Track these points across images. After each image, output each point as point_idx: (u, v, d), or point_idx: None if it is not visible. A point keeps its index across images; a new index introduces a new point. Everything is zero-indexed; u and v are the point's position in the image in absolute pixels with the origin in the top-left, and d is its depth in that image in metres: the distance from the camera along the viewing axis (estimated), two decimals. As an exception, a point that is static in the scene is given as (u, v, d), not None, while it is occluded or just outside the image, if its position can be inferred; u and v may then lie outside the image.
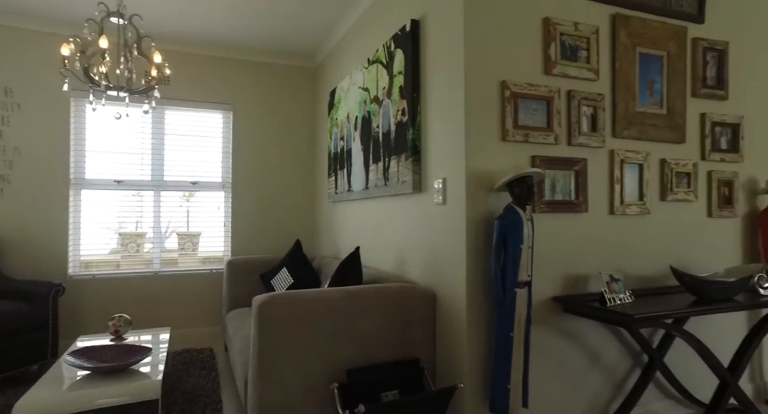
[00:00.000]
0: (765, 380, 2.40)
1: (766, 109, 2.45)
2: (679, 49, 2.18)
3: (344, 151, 3.14)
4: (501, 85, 1.80)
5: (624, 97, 2.05)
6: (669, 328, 1.68)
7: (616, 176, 2.03)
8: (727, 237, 2.34)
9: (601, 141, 1.99)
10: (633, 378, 2.07)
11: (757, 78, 2.43)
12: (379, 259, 2.57)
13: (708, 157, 2.26)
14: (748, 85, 2.40)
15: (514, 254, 1.58)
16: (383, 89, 2.46)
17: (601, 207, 2.01)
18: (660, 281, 2.14)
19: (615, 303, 1.75)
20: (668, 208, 2.18)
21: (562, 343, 1.90)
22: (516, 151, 1.82)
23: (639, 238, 2.10)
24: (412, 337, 1.88)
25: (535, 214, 1.85)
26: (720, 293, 1.84)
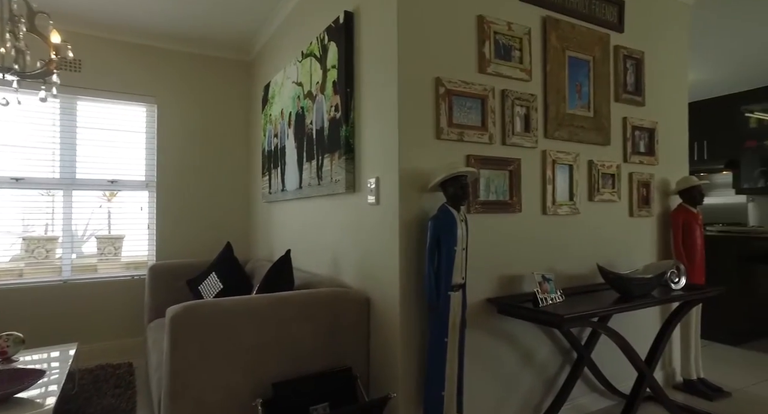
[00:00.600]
0: (673, 367, 2.55)
1: (675, 116, 2.62)
2: (603, 55, 2.26)
3: (278, 149, 2.99)
4: (435, 82, 1.75)
5: (555, 98, 2.08)
6: (595, 326, 1.71)
7: (548, 176, 2.06)
8: (645, 235, 2.46)
9: (534, 141, 2.00)
10: (563, 375, 2.11)
11: (667, 87, 2.58)
12: (314, 262, 2.45)
13: (629, 160, 2.36)
14: (661, 93, 2.54)
15: (448, 256, 1.53)
16: (317, 84, 2.34)
17: (534, 207, 2.02)
18: (589, 279, 2.20)
19: (547, 303, 1.76)
20: (595, 208, 2.25)
21: (496, 344, 1.89)
22: (451, 149, 1.78)
23: (569, 238, 2.14)
24: (345, 345, 1.78)
25: (470, 215, 1.82)
26: (640, 289, 1.91)
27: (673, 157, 2.59)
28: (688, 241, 2.46)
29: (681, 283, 2.08)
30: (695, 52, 3.78)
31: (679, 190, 2.50)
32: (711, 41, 3.56)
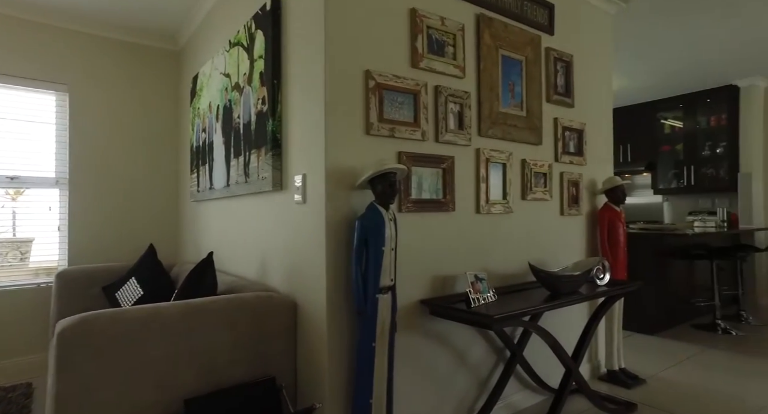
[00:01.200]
0: (599, 359, 2.66)
1: (601, 118, 2.73)
2: (535, 55, 2.30)
3: (206, 144, 2.78)
4: (365, 75, 1.68)
5: (488, 96, 2.08)
6: (525, 325, 1.71)
7: (482, 175, 2.05)
8: (574, 233, 2.54)
9: (468, 139, 1.98)
10: (497, 374, 2.11)
11: (593, 91, 2.68)
12: (242, 264, 2.29)
13: (560, 159, 2.42)
14: (588, 96, 2.63)
15: (376, 257, 1.46)
16: (244, 75, 2.19)
17: (467, 206, 2.01)
18: (522, 277, 2.23)
19: (479, 303, 1.74)
20: (528, 207, 2.27)
21: (429, 347, 1.85)
22: (382, 145, 1.72)
23: (503, 237, 2.15)
24: (269, 354, 1.66)
25: (402, 214, 1.76)
26: (568, 286, 1.94)
27: (599, 158, 2.70)
28: (612, 238, 2.56)
29: (605, 279, 2.16)
30: (619, 60, 4.00)
31: (604, 190, 2.60)
32: (632, 51, 3.77)
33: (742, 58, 4.03)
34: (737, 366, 2.80)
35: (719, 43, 3.69)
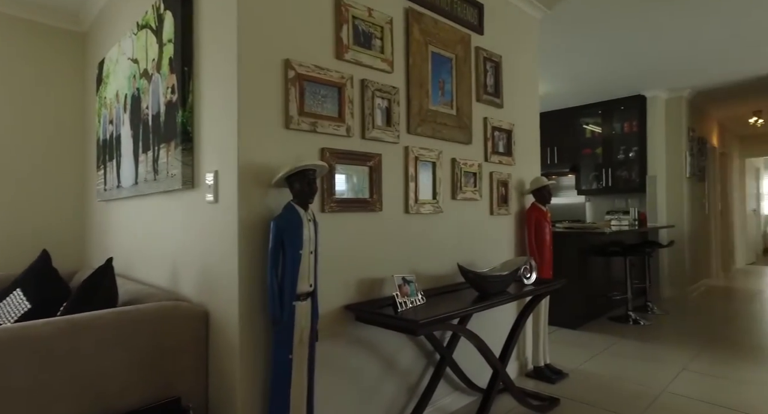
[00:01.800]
0: (526, 356, 2.72)
1: (528, 120, 2.79)
2: (465, 54, 2.29)
3: (113, 137, 2.50)
4: (284, 64, 1.55)
5: (418, 93, 2.03)
6: (452, 329, 1.67)
7: (411, 174, 1.99)
8: (504, 233, 2.57)
9: (396, 136, 1.92)
10: (426, 378, 2.06)
11: (521, 92, 2.74)
12: (153, 271, 2.06)
13: (490, 159, 2.43)
14: (516, 97, 2.68)
15: (293, 261, 1.34)
16: (153, 61, 1.97)
17: (396, 205, 1.94)
18: (452, 278, 2.20)
19: (407, 307, 1.68)
20: (458, 207, 2.26)
21: (355, 354, 1.75)
22: (302, 141, 1.60)
23: (433, 237, 2.11)
24: (175, 371, 1.48)
25: (325, 214, 1.65)
26: (497, 287, 1.94)
27: (527, 158, 2.76)
28: (539, 237, 2.62)
29: (532, 278, 2.19)
30: (546, 65, 4.17)
31: (532, 190, 2.66)
32: (556, 58, 3.94)
33: (647, 72, 4.36)
34: (643, 354, 2.99)
35: (628, 56, 3.95)
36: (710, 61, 4.13)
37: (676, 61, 4.11)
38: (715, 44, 3.72)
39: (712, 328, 3.69)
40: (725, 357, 2.93)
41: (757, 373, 2.63)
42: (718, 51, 3.89)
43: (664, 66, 4.25)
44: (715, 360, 2.87)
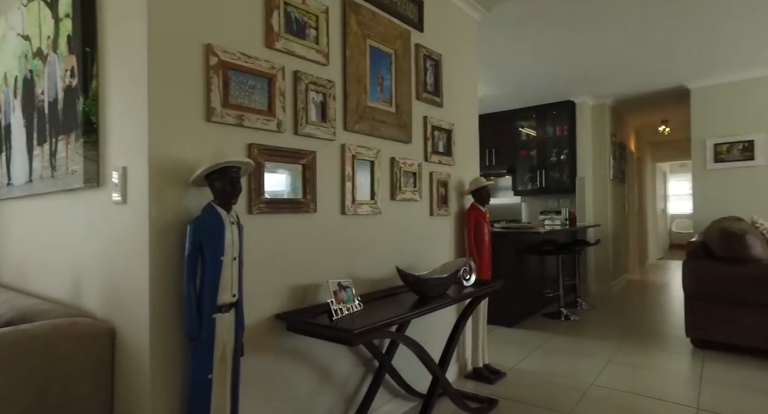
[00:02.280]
0: (466, 358, 2.72)
1: (467, 120, 2.80)
2: (405, 50, 2.23)
3: (1, 127, 2.16)
4: (206, 50, 1.38)
5: (356, 88, 1.93)
6: (390, 337, 1.59)
7: (348, 173, 1.89)
8: (444, 234, 2.54)
9: (332, 133, 1.81)
10: (365, 386, 1.97)
11: (460, 92, 2.74)
12: (51, 282, 1.79)
13: (430, 159, 2.39)
14: (456, 97, 2.67)
15: (213, 268, 1.19)
16: (48, 39, 1.71)
17: (332, 206, 1.83)
18: (392, 281, 2.13)
19: (343, 314, 1.57)
20: (398, 208, 2.19)
21: (288, 367, 1.62)
22: (227, 135, 1.44)
23: (371, 239, 2.02)
24: (70, 401, 1.27)
25: (252, 216, 1.51)
26: (436, 289, 1.89)
27: (467, 159, 2.76)
28: (478, 238, 2.63)
29: (472, 280, 2.17)
30: (485, 67, 4.24)
31: (471, 190, 2.66)
32: (494, 61, 4.02)
33: (575, 79, 4.58)
34: (574, 348, 3.11)
35: (559, 63, 4.12)
36: (626, 72, 4.42)
37: (599, 70, 4.35)
38: (629, 57, 3.97)
39: (631, 319, 3.94)
40: (642, 347, 3.12)
41: (668, 361, 2.82)
42: (632, 63, 4.16)
43: (589, 74, 4.49)
44: (634, 351, 3.04)
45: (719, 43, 3.76)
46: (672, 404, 2.23)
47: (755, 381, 2.50)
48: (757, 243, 2.92)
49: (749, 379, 2.54)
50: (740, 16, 3.21)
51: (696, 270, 3.01)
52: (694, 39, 3.65)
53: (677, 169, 10.88)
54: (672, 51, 3.90)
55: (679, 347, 3.12)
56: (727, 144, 4.63)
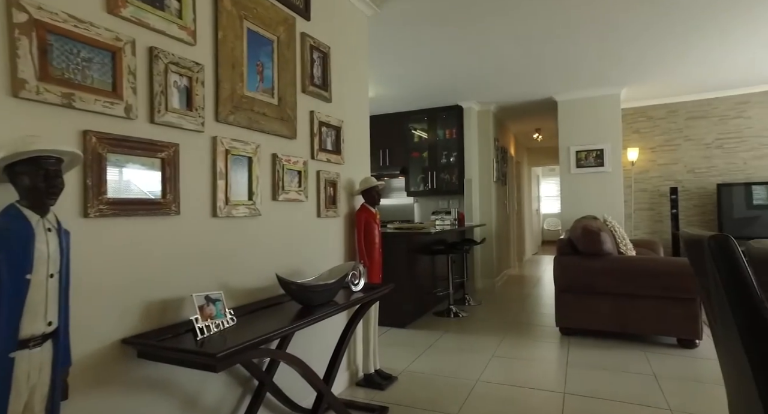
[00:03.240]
0: (357, 364, 2.63)
1: (357, 117, 2.71)
2: (289, 38, 2.05)
3: None
4: (6, 4, 1.07)
5: (230, 74, 1.70)
6: (266, 356, 1.41)
7: (220, 170, 1.66)
8: (333, 236, 2.41)
9: (200, 124, 1.56)
10: (242, 409, 1.76)
11: (350, 88, 2.65)
12: None
13: (317, 157, 2.24)
14: (346, 93, 2.57)
15: (15, 290, 0.90)
16: None
17: (200, 208, 1.58)
18: (274, 290, 1.94)
19: (211, 331, 1.35)
20: (281, 209, 2.00)
21: (142, 402, 1.35)
22: (49, 118, 1.14)
23: (250, 244, 1.81)
24: None
25: (91, 219, 1.22)
26: (323, 297, 1.76)
27: (357, 158, 2.66)
28: (368, 239, 2.55)
29: (361, 284, 2.07)
30: (379, 66, 4.22)
31: (361, 191, 2.57)
32: (388, 62, 4.03)
33: (461, 84, 4.82)
34: (462, 346, 3.21)
35: (447, 68, 4.28)
36: (507, 82, 4.76)
37: (484, 77, 4.61)
38: (510, 68, 4.28)
39: (511, 313, 4.23)
40: (521, 339, 3.34)
41: (541, 350, 3.05)
42: (512, 74, 4.49)
43: (475, 81, 4.73)
44: (514, 343, 3.24)
45: (579, 63, 4.21)
46: (544, 391, 2.38)
47: (609, 360, 2.81)
48: (608, 239, 3.30)
49: (604, 359, 2.84)
50: (593, 42, 3.62)
51: (564, 265, 3.31)
52: (560, 57, 4.04)
53: (548, 172, 12.20)
54: (544, 66, 4.28)
55: (551, 336, 3.40)
56: (585, 151, 5.23)
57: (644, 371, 2.63)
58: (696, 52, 4.02)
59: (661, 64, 4.30)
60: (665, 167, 5.67)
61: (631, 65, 4.32)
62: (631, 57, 4.08)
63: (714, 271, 1.05)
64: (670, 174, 5.64)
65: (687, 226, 5.58)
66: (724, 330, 1.11)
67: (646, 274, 3.01)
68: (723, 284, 1.01)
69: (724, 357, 1.22)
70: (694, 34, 3.60)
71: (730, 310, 1.01)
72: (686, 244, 1.32)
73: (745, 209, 5.04)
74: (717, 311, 1.13)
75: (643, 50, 3.94)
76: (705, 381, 2.48)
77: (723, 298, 1.03)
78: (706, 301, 1.27)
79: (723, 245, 1.04)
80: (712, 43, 3.84)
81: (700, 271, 1.23)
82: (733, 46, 3.95)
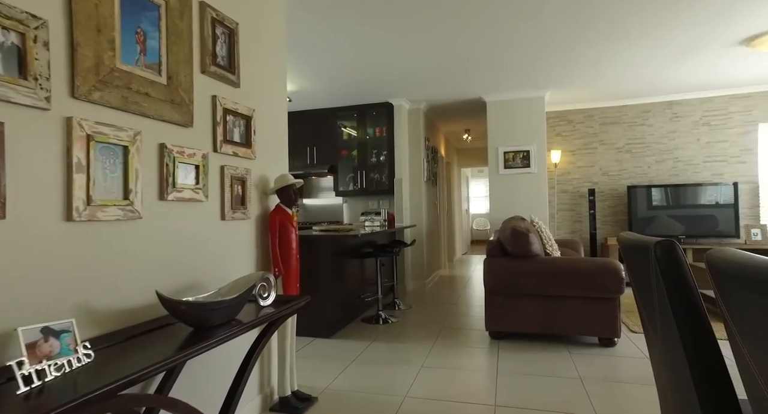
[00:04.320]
0: (272, 386, 2.32)
1: (273, 108, 2.41)
2: (182, 5, 1.70)
3: None
4: None
5: (93, 38, 1.34)
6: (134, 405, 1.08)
7: (79, 161, 1.29)
8: (242, 242, 2.09)
9: (43, 98, 1.19)
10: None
11: (264, 75, 2.34)
12: None
13: (220, 149, 1.91)
14: (258, 79, 2.26)
15: None
16: None
17: (45, 210, 1.21)
18: (159, 310, 1.58)
19: (49, 377, 1.00)
20: (171, 210, 1.65)
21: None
22: None
23: (124, 254, 1.45)
24: None
25: None
26: (221, 316, 1.44)
27: (273, 152, 2.35)
28: (284, 245, 2.25)
29: (271, 298, 1.78)
30: (303, 59, 3.91)
31: (276, 189, 2.27)
32: (314, 53, 3.73)
33: (392, 81, 4.66)
34: (389, 356, 3.01)
35: (376, 63, 4.09)
36: (437, 80, 4.67)
37: (413, 74, 4.48)
38: (440, 66, 4.18)
39: (442, 316, 4.13)
40: (451, 346, 3.22)
41: (472, 357, 2.94)
42: (442, 72, 4.41)
43: (404, 77, 4.59)
44: (444, 351, 3.10)
45: (506, 64, 4.21)
46: (475, 405, 2.24)
47: (537, 364, 2.75)
48: (536, 240, 3.28)
49: (533, 363, 2.78)
50: (521, 44, 3.61)
51: (494, 267, 3.23)
52: (489, 57, 4.00)
53: (477, 173, 12.53)
54: (473, 66, 4.23)
55: (480, 341, 3.31)
56: (512, 152, 5.31)
57: (571, 375, 2.60)
58: (610, 62, 4.18)
59: (580, 70, 4.43)
60: (584, 169, 5.93)
61: (554, 70, 4.41)
62: (555, 62, 4.16)
63: (658, 276, 0.97)
64: (588, 176, 5.91)
65: (603, 226, 5.89)
66: (663, 332, 1.05)
67: (571, 276, 3.01)
68: (667, 290, 0.95)
69: (660, 359, 1.15)
70: (609, 45, 3.72)
71: (672, 315, 0.94)
72: (626, 248, 1.22)
73: (647, 210, 5.40)
74: (658, 315, 1.06)
75: (566, 56, 4.01)
76: (626, 381, 2.49)
77: (665, 302, 0.97)
78: (642, 303, 1.21)
79: (669, 251, 0.96)
80: (624, 54, 4.01)
81: (637, 273, 1.17)
82: (640, 59, 4.16)
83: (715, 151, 5.49)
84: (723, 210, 5.21)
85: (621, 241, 1.30)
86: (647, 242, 1.04)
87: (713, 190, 5.25)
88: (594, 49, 3.86)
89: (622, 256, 1.24)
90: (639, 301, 1.28)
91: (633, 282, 1.29)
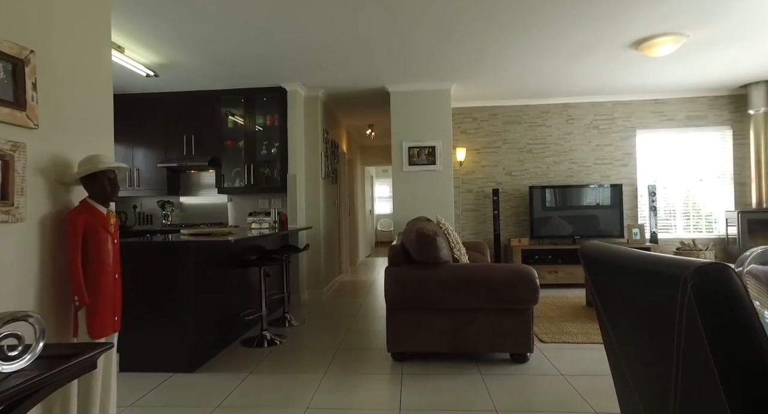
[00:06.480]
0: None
1: (82, 57, 1.64)
2: None
3: None
4: None
5: None
6: None
7: None
8: (6, 257, 1.31)
9: None
10: None
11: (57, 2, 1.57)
12: None
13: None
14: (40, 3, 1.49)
15: None
16: None
17: None
18: None
19: None
20: None
21: None
22: None
23: None
24: None
25: None
26: None
27: (83, 125, 1.59)
28: (94, 258, 1.52)
29: (29, 356, 1.05)
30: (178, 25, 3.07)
31: (82, 176, 1.52)
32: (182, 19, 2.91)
33: (284, 60, 4.00)
34: (269, 396, 2.35)
35: (265, 35, 3.41)
36: (334, 63, 4.11)
37: (309, 54, 3.87)
38: (336, 46, 3.63)
39: (339, 332, 3.57)
40: (347, 373, 2.67)
41: (371, 390, 2.43)
42: (338, 54, 3.86)
43: (298, 58, 3.96)
44: (338, 381, 2.54)
45: (411, 51, 3.81)
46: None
47: (446, 393, 2.32)
48: (444, 244, 2.87)
49: (441, 392, 2.34)
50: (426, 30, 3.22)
51: (396, 278, 2.75)
52: (391, 41, 3.55)
53: (381, 173, 12.24)
54: (375, 49, 3.75)
55: (382, 364, 2.81)
56: (417, 148, 4.95)
57: (485, 406, 2.19)
58: (514, 56, 4.00)
59: (487, 62, 4.20)
60: (488, 169, 5.81)
61: (460, 59, 4.11)
62: (461, 50, 3.85)
63: (694, 318, 0.50)
64: (492, 176, 5.81)
65: (506, 227, 5.82)
66: (684, 391, 0.60)
67: (483, 285, 2.64)
68: (711, 346, 0.47)
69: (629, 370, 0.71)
70: (514, 34, 3.50)
71: (720, 382, 0.47)
72: (609, 266, 0.78)
73: (542, 210, 5.43)
74: (674, 367, 0.60)
75: (471, 45, 3.72)
76: (545, 409, 2.16)
77: (705, 360, 0.49)
78: (604, 311, 0.80)
79: (718, 283, 0.49)
80: (527, 50, 3.85)
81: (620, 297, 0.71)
82: (542, 56, 4.04)
83: (603, 154, 5.71)
84: (608, 211, 5.40)
85: (596, 254, 0.85)
86: (670, 266, 0.58)
87: (599, 191, 5.43)
88: (498, 40, 3.62)
89: (589, 271, 0.79)
90: (611, 331, 0.85)
91: (600, 302, 0.86)
